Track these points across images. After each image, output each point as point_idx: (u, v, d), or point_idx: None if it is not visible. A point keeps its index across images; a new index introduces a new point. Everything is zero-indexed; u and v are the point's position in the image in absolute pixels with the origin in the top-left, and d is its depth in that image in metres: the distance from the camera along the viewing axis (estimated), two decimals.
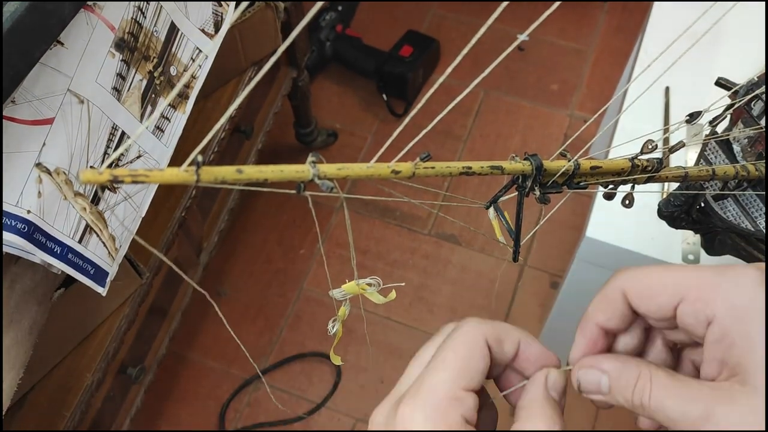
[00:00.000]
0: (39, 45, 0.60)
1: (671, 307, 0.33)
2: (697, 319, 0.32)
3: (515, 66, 1.73)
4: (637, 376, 0.33)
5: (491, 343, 0.34)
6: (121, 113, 0.69)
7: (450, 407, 0.31)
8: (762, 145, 0.49)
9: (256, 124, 1.26)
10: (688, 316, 0.32)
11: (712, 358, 0.32)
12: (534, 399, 0.35)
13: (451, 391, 0.32)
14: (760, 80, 0.49)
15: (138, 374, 1.02)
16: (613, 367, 0.34)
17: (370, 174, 0.30)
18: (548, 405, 0.34)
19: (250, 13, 1.05)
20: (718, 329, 0.31)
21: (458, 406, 0.32)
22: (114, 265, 0.67)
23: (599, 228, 0.85)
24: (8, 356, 0.60)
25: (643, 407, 0.33)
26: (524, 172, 0.34)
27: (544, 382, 0.35)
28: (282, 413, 1.32)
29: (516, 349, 0.36)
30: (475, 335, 0.34)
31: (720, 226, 0.52)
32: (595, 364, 0.35)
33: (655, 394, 0.32)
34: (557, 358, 0.37)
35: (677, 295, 0.33)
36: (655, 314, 0.34)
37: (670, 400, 0.31)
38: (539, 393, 0.35)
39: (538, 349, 0.36)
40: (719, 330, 0.31)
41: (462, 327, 0.34)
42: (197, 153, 0.24)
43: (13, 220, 0.57)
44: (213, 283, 1.45)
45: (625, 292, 0.35)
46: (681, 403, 0.31)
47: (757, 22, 0.96)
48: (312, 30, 1.68)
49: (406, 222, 1.52)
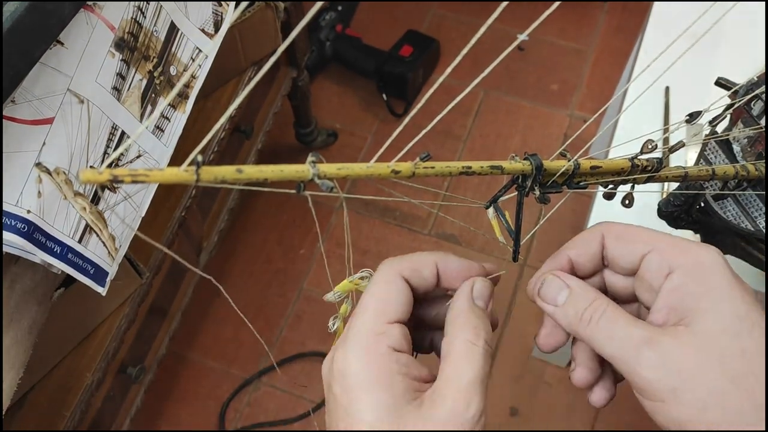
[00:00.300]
0: (39, 45, 0.60)
1: (639, 255, 0.36)
2: (660, 267, 0.35)
3: (515, 66, 1.73)
4: (593, 299, 0.35)
5: (408, 275, 0.36)
6: (121, 113, 0.69)
7: (375, 341, 0.34)
8: (762, 145, 0.49)
9: (256, 124, 1.26)
10: (652, 263, 0.35)
11: (663, 306, 0.34)
12: (459, 310, 0.36)
13: (374, 327, 0.34)
14: (760, 80, 0.49)
15: (138, 374, 1.01)
16: (577, 285, 0.37)
17: (370, 174, 0.30)
18: (473, 314, 0.36)
19: (250, 13, 1.05)
20: (678, 278, 0.34)
21: (383, 339, 0.34)
22: (114, 265, 0.67)
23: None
24: (8, 356, 0.61)
25: (588, 328, 0.35)
26: (524, 172, 0.35)
27: (469, 292, 0.37)
28: (282, 413, 1.32)
29: (435, 271, 0.38)
30: (389, 273, 0.36)
31: (720, 225, 0.52)
32: (563, 277, 0.37)
33: (605, 318, 0.34)
34: (479, 265, 0.39)
35: (649, 245, 0.36)
36: (623, 258, 0.37)
37: (617, 326, 0.34)
38: (464, 304, 0.36)
39: (457, 263, 0.38)
40: (678, 279, 0.34)
41: (378, 270, 0.37)
42: (197, 153, 0.25)
43: (13, 220, 0.57)
44: (213, 283, 1.45)
45: (604, 234, 0.37)
46: (627, 328, 0.34)
47: (757, 22, 0.96)
48: (312, 30, 1.68)
49: (406, 222, 1.52)
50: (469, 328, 0.35)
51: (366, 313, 0.35)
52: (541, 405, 1.31)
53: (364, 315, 0.35)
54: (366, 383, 0.33)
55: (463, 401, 0.32)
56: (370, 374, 0.33)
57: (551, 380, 1.33)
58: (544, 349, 0.39)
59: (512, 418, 1.29)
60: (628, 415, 1.29)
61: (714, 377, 0.31)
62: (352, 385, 0.33)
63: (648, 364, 0.32)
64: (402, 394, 0.33)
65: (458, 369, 0.33)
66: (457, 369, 0.33)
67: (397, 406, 0.32)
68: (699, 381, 0.31)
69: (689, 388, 0.32)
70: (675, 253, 0.35)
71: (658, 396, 0.32)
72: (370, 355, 0.34)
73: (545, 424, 1.30)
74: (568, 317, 0.36)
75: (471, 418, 0.32)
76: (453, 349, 0.34)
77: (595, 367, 0.38)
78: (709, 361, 0.32)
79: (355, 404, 0.33)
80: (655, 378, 0.32)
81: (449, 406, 0.32)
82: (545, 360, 1.35)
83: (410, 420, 0.32)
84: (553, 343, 0.39)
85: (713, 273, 0.34)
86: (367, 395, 0.33)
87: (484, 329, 0.35)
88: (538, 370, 1.34)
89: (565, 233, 1.46)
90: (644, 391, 0.33)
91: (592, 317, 0.35)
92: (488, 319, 0.36)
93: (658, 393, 0.32)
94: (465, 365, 0.33)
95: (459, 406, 0.32)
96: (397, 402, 0.33)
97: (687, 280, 0.34)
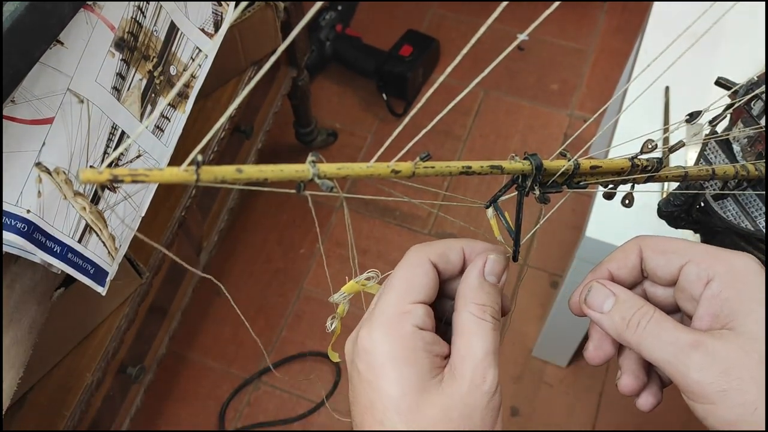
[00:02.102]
0: (39, 45, 0.60)
1: (677, 266, 0.37)
2: (699, 277, 0.36)
3: (515, 66, 1.73)
4: (641, 305, 0.37)
5: (435, 260, 0.37)
6: (121, 113, 0.69)
7: (401, 320, 0.35)
8: (762, 145, 0.49)
9: (256, 124, 1.26)
10: (691, 274, 0.37)
11: (705, 313, 0.36)
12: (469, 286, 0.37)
13: (399, 306, 0.35)
14: (760, 80, 0.49)
15: (138, 374, 1.01)
16: (622, 292, 0.38)
17: (370, 174, 0.30)
18: (482, 291, 0.37)
19: (250, 12, 1.05)
20: (717, 285, 0.35)
21: (408, 318, 0.35)
22: (114, 265, 0.67)
23: (599, 228, 0.85)
24: (8, 355, 0.60)
25: (636, 333, 0.36)
26: (524, 172, 0.35)
27: (481, 267, 0.38)
28: (282, 413, 1.32)
29: (461, 254, 0.39)
30: (416, 257, 0.37)
31: (720, 225, 0.52)
32: (608, 285, 0.38)
33: (653, 323, 0.36)
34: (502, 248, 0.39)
35: (686, 256, 0.37)
36: (661, 270, 0.38)
37: (665, 330, 0.35)
38: (474, 280, 0.37)
39: (482, 246, 0.39)
40: (718, 286, 0.35)
41: (406, 255, 0.38)
42: (197, 152, 0.25)
43: (12, 220, 0.57)
44: (213, 283, 1.45)
45: (642, 247, 0.39)
46: (674, 332, 0.35)
47: (757, 22, 0.96)
48: (312, 30, 1.68)
49: (406, 222, 1.52)
50: (476, 304, 0.36)
51: (392, 293, 0.36)
52: (541, 405, 1.31)
53: (389, 294, 0.36)
54: (391, 359, 0.34)
55: (480, 375, 0.34)
56: (395, 351, 0.34)
57: (551, 380, 1.33)
58: (594, 362, 0.40)
59: (512, 418, 1.29)
60: (628, 416, 1.29)
61: (762, 378, 0.32)
62: (378, 361, 0.34)
63: (697, 367, 0.33)
64: (427, 370, 0.34)
65: (470, 344, 0.35)
66: (468, 345, 0.35)
67: (421, 382, 0.34)
68: (748, 382, 0.32)
69: (738, 389, 0.32)
70: (711, 262, 0.36)
71: (708, 398, 0.33)
72: (394, 333, 0.35)
73: (545, 424, 1.30)
74: (614, 323, 0.37)
75: (489, 390, 0.34)
76: (463, 325, 0.36)
77: (642, 375, 0.39)
78: (755, 362, 0.33)
79: (380, 379, 0.34)
80: (705, 380, 0.33)
81: (467, 380, 0.34)
82: (545, 360, 1.35)
83: (433, 394, 0.34)
84: (603, 356, 0.40)
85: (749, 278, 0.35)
86: (393, 371, 0.34)
87: (491, 305, 0.36)
88: (538, 370, 1.34)
89: (565, 233, 1.46)
90: (694, 394, 0.34)
91: (640, 322, 0.36)
92: (499, 294, 0.38)
93: (708, 395, 0.33)
94: (476, 341, 0.35)
95: (477, 379, 0.34)
96: (422, 377, 0.34)
97: (725, 287, 0.35)
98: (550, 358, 1.34)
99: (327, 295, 0.40)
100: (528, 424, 1.29)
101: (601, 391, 1.31)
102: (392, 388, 0.33)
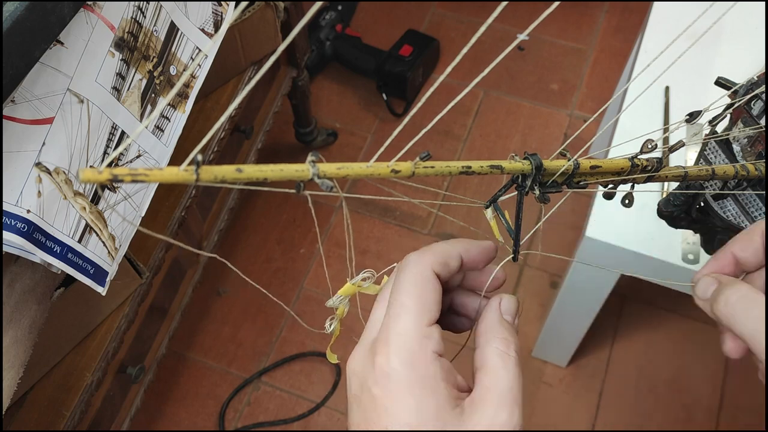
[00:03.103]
0: (39, 44, 0.60)
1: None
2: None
3: (515, 66, 1.73)
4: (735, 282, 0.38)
5: (438, 270, 0.37)
6: (121, 113, 0.69)
7: (421, 347, 0.34)
8: (762, 145, 0.49)
9: (256, 124, 1.26)
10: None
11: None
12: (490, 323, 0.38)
13: (417, 331, 0.35)
14: (760, 80, 0.49)
15: (138, 374, 1.01)
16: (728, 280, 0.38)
17: (370, 173, 0.30)
18: (503, 327, 0.37)
19: (250, 12, 1.05)
20: None
21: (428, 344, 0.35)
22: (114, 265, 0.67)
23: (599, 228, 0.85)
24: (8, 355, 0.61)
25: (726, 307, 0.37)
26: (524, 172, 0.35)
27: (498, 307, 0.38)
28: (282, 413, 1.32)
29: (460, 261, 0.39)
30: (423, 269, 0.37)
31: (720, 225, 0.52)
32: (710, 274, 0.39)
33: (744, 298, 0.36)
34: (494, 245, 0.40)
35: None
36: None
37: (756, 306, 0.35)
38: (494, 318, 0.38)
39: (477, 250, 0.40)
40: None
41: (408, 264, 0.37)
42: (197, 152, 0.25)
43: (12, 220, 0.57)
44: (213, 283, 1.45)
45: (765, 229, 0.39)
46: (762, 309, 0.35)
47: (757, 22, 0.96)
48: (312, 29, 1.68)
49: (406, 222, 1.52)
50: (500, 339, 0.36)
51: (408, 315, 0.35)
52: (541, 405, 1.31)
53: (406, 316, 0.35)
54: (411, 387, 0.34)
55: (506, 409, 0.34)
56: (416, 378, 0.34)
57: (551, 380, 1.33)
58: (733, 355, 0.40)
59: None
60: (628, 416, 1.29)
61: None
62: (397, 387, 0.34)
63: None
64: (446, 400, 0.34)
65: (496, 378, 0.35)
66: (494, 378, 0.35)
67: (441, 412, 0.33)
68: None
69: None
70: None
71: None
72: (416, 360, 0.34)
73: (545, 424, 1.30)
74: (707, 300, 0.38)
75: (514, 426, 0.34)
76: (488, 359, 0.36)
77: None
78: None
79: (398, 406, 0.33)
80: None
81: (491, 413, 0.34)
82: (545, 360, 1.35)
83: (452, 427, 0.33)
84: (740, 350, 0.40)
85: None
86: (413, 399, 0.33)
87: (514, 341, 0.37)
88: (538, 370, 1.34)
89: (565, 233, 1.46)
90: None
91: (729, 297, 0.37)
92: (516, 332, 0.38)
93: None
94: (502, 374, 0.35)
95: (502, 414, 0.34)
96: (442, 407, 0.33)
97: None
98: (549, 358, 1.34)
99: (327, 295, 0.40)
100: (527, 424, 1.29)
101: (601, 391, 1.31)
102: (411, 417, 0.33)
